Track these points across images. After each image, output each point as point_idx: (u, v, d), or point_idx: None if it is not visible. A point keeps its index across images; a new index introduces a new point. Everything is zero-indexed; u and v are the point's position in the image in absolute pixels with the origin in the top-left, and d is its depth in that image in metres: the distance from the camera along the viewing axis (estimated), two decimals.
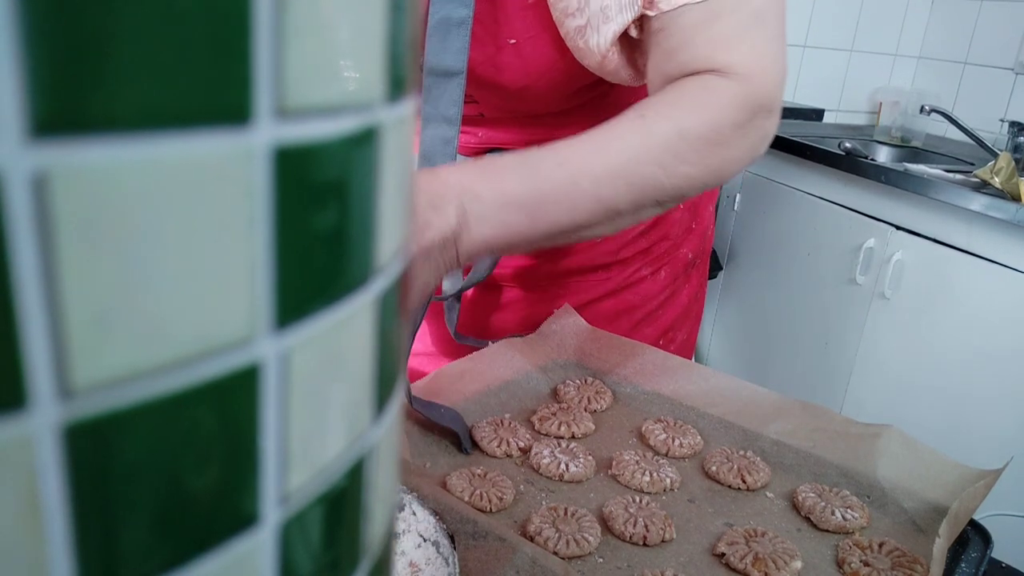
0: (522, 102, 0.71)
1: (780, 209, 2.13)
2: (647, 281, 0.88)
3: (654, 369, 0.74)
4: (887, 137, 2.34)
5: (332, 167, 0.13)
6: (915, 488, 0.58)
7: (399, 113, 0.15)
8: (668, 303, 0.90)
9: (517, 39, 0.67)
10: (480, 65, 0.69)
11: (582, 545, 0.51)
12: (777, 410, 0.67)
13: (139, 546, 0.11)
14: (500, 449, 0.62)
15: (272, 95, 0.11)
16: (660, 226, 0.87)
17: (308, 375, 0.13)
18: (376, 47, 0.14)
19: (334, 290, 0.14)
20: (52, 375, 0.10)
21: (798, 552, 0.52)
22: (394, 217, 0.15)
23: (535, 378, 0.73)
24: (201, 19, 0.10)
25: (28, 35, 0.09)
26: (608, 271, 0.86)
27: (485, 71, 0.69)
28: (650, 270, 0.88)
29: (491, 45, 0.68)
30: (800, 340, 2.08)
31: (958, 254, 1.68)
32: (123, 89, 0.10)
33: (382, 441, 0.17)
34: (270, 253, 0.12)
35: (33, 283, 0.09)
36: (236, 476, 0.12)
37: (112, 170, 0.10)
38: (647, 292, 0.88)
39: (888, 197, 1.83)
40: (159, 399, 0.11)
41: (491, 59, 0.68)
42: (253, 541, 0.13)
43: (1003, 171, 1.64)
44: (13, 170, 0.09)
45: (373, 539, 0.17)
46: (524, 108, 0.73)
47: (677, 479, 0.60)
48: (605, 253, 0.85)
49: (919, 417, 1.76)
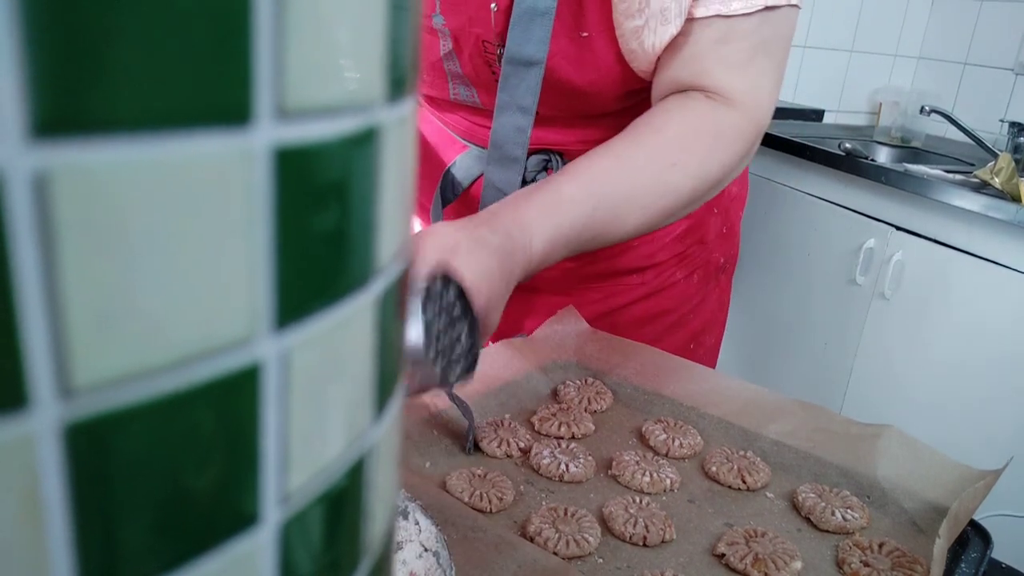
0: (583, 100, 0.72)
1: (780, 209, 2.13)
2: (680, 284, 0.88)
3: (654, 369, 0.74)
4: (887, 137, 2.34)
5: (332, 167, 0.13)
6: (915, 488, 0.58)
7: (399, 113, 0.15)
8: (699, 307, 0.91)
9: (591, 32, 0.67)
10: (551, 58, 0.69)
11: (582, 545, 0.51)
12: (777, 410, 0.67)
13: (139, 546, 0.11)
14: (500, 449, 0.62)
15: (272, 95, 0.11)
16: (696, 231, 0.87)
17: (308, 375, 0.13)
18: (376, 47, 0.14)
19: (334, 290, 0.14)
20: (53, 375, 0.10)
21: (798, 552, 0.52)
22: (394, 217, 0.15)
23: (535, 379, 0.73)
24: (201, 19, 0.10)
25: (29, 36, 0.09)
26: (643, 275, 0.86)
27: (556, 64, 0.70)
28: (683, 273, 0.88)
29: (564, 38, 0.68)
30: (800, 340, 2.08)
31: (958, 254, 1.68)
32: (123, 90, 0.10)
33: (382, 441, 0.17)
34: (270, 253, 0.12)
35: (34, 283, 0.09)
36: (236, 476, 0.13)
37: (113, 170, 0.10)
38: (680, 296, 0.88)
39: (888, 197, 1.83)
40: (159, 399, 0.11)
41: (563, 52, 0.69)
42: (253, 541, 0.13)
43: (1003, 171, 1.64)
44: (14, 170, 0.09)
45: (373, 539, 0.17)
46: (582, 107, 0.73)
47: (677, 479, 0.60)
48: (641, 257, 0.85)
49: (919, 417, 1.76)
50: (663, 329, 0.87)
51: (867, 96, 2.57)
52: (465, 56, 0.71)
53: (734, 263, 0.97)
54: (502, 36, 0.68)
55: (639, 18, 0.65)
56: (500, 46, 0.69)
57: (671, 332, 0.88)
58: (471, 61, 0.71)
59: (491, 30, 0.68)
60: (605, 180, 0.64)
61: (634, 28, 0.65)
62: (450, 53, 0.71)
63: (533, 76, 0.68)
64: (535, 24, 0.65)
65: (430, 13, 0.69)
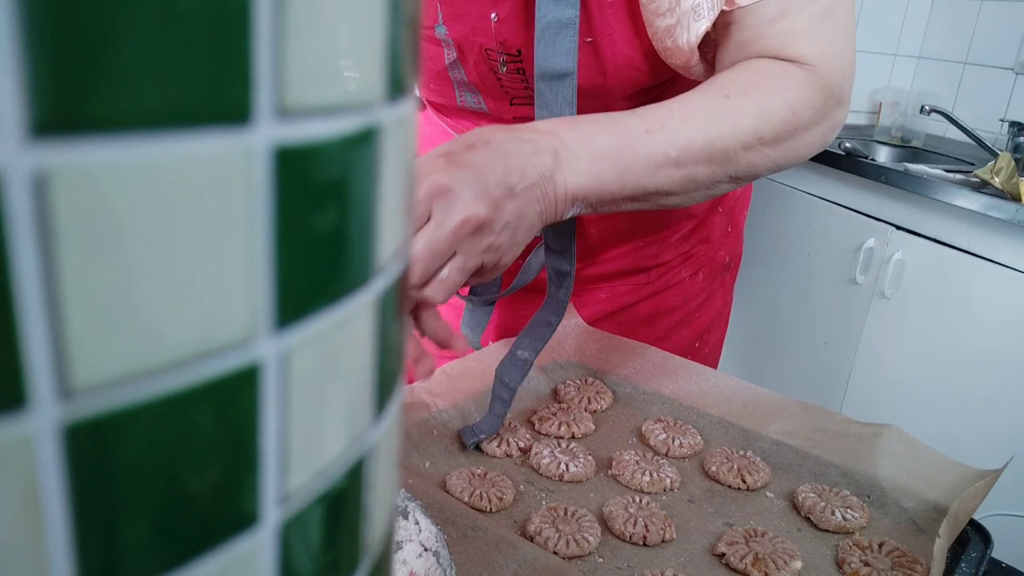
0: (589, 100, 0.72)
1: (780, 209, 2.13)
2: (685, 283, 0.88)
3: (654, 369, 0.74)
4: (887, 137, 2.34)
5: (332, 167, 0.13)
6: (915, 488, 0.58)
7: (399, 113, 0.15)
8: (704, 305, 0.91)
9: (594, 37, 0.68)
10: None
11: (582, 545, 0.51)
12: (777, 410, 0.67)
13: (139, 546, 0.11)
14: (500, 449, 0.62)
15: (272, 95, 0.11)
16: (701, 230, 0.88)
17: (308, 375, 0.13)
18: (376, 47, 0.14)
19: (334, 290, 0.14)
20: (52, 375, 0.10)
21: (798, 552, 0.52)
22: (394, 217, 0.15)
23: (535, 378, 0.73)
24: (201, 19, 0.10)
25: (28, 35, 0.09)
26: (648, 274, 0.86)
27: None
28: (689, 272, 0.88)
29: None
30: (800, 340, 2.08)
31: (958, 254, 1.68)
32: (123, 89, 0.10)
33: (382, 441, 0.17)
34: (270, 253, 0.12)
35: (33, 283, 0.09)
36: (236, 476, 0.12)
37: (112, 170, 0.10)
38: (686, 294, 0.88)
39: (888, 197, 1.83)
40: (159, 399, 0.11)
41: None
42: (253, 541, 0.13)
43: (1003, 171, 1.64)
44: (13, 170, 0.09)
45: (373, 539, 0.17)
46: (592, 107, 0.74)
47: (677, 479, 0.60)
48: (647, 257, 0.85)
49: (919, 417, 1.76)
50: (669, 327, 0.88)
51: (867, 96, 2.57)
52: (470, 64, 0.71)
53: (738, 262, 0.97)
54: (504, 44, 0.68)
55: (670, 17, 0.65)
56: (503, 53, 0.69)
57: (677, 330, 0.89)
58: (476, 68, 0.71)
59: (493, 39, 0.68)
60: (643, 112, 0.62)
61: (666, 27, 0.65)
62: (455, 62, 0.72)
63: (567, 87, 0.68)
64: (561, 36, 0.66)
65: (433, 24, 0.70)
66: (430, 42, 0.72)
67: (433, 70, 0.74)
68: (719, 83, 0.63)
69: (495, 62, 0.70)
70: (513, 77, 0.71)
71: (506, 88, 0.72)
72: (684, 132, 0.60)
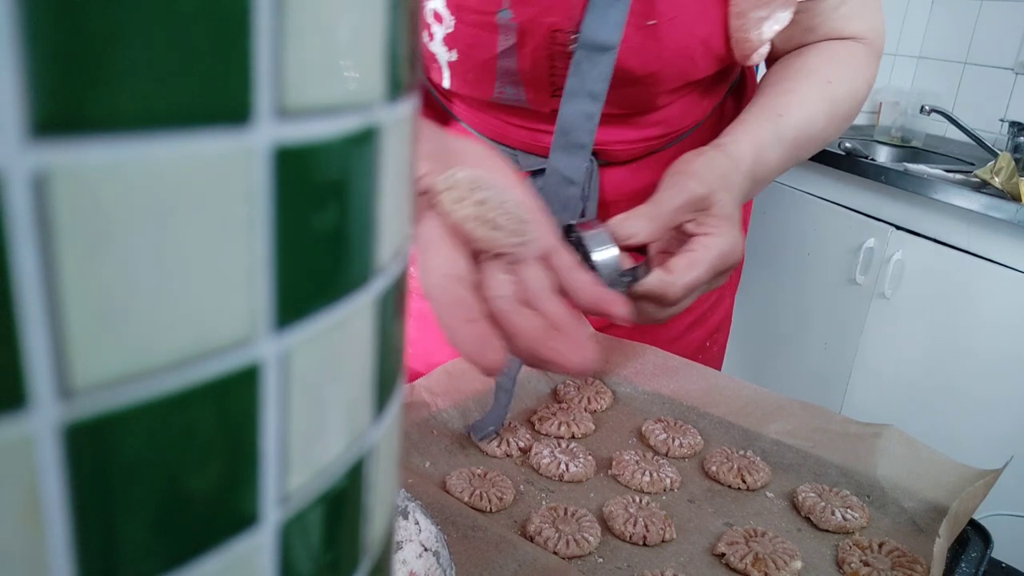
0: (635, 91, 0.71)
1: (780, 209, 2.13)
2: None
3: (654, 369, 0.74)
4: (887, 137, 2.34)
5: (332, 167, 0.13)
6: (915, 488, 0.58)
7: (399, 113, 0.15)
8: (716, 305, 0.91)
9: (658, 20, 0.67)
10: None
11: (582, 545, 0.51)
12: (777, 410, 0.67)
13: (139, 546, 0.11)
14: (500, 449, 0.62)
15: (272, 95, 0.11)
16: None
17: (308, 375, 0.13)
18: (376, 47, 0.14)
19: (334, 290, 0.14)
20: (52, 375, 0.10)
21: (798, 552, 0.52)
22: (394, 217, 0.15)
23: (535, 378, 0.73)
24: (201, 19, 0.10)
25: (28, 35, 0.09)
26: None
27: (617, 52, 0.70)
28: None
29: (629, 25, 0.68)
30: (800, 340, 2.08)
31: (958, 254, 1.68)
32: (123, 89, 0.10)
33: (382, 441, 0.17)
34: (270, 253, 0.12)
35: (33, 283, 0.09)
36: (236, 476, 0.13)
37: (112, 170, 0.10)
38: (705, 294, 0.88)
39: (888, 197, 1.83)
40: (159, 399, 0.11)
41: (626, 39, 0.68)
42: (253, 541, 0.13)
43: (1003, 171, 1.64)
44: (13, 170, 0.09)
45: (373, 539, 0.17)
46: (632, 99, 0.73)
47: (677, 479, 0.60)
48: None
49: (919, 417, 1.76)
50: (684, 328, 0.88)
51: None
52: (527, 50, 0.69)
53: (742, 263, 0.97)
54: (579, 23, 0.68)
55: (765, 9, 0.68)
56: (574, 32, 0.68)
57: (691, 330, 0.89)
58: (532, 55, 0.70)
59: (568, 17, 0.67)
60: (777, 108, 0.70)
61: (758, 18, 0.68)
62: (510, 49, 0.70)
63: (606, 62, 0.68)
64: (612, 8, 0.66)
65: (495, 10, 0.68)
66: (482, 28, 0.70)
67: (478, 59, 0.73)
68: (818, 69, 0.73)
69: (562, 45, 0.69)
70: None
71: (556, 77, 0.71)
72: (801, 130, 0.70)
